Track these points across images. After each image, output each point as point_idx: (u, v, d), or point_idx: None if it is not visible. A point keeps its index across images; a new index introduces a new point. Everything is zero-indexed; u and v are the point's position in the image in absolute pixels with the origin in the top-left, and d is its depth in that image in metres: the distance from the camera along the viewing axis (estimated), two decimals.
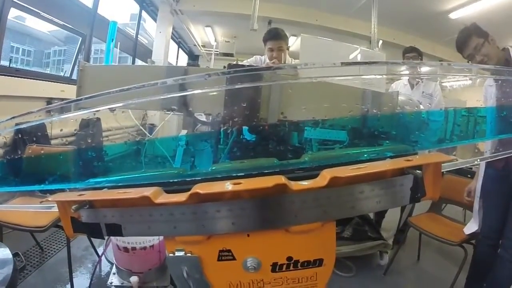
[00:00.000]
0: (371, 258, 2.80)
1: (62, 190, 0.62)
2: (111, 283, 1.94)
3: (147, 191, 0.51)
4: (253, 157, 1.14)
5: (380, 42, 5.70)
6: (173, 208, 0.51)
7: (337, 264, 2.62)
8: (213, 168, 0.60)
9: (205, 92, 1.22)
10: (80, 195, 0.55)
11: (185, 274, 0.53)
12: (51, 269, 2.28)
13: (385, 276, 2.62)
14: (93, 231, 0.55)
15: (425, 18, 6.08)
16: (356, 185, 0.52)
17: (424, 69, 3.18)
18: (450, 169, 0.69)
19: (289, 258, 0.55)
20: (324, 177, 0.51)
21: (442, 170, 0.59)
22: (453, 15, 5.71)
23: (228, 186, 0.50)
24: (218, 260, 0.55)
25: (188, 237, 0.53)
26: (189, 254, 0.55)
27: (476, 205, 2.15)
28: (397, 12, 5.89)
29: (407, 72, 2.71)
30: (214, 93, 1.62)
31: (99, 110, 0.71)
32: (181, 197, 0.51)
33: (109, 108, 1.01)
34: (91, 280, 2.19)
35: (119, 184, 0.58)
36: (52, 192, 0.63)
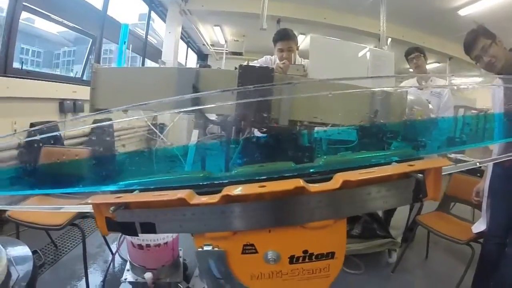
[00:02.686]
0: (379, 256, 2.81)
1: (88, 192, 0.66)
2: (125, 279, 1.99)
3: (181, 193, 0.57)
4: (267, 156, 1.18)
5: (389, 40, 5.69)
6: (204, 208, 0.57)
7: (346, 262, 2.64)
8: (237, 171, 0.65)
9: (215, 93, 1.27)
10: (117, 197, 0.60)
11: (212, 267, 0.59)
12: (66, 266, 2.33)
13: (393, 274, 2.63)
14: (127, 229, 0.60)
15: (434, 15, 6.05)
16: (365, 187, 0.58)
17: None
18: (452, 171, 0.72)
19: (305, 251, 0.61)
20: (337, 180, 0.57)
21: (443, 173, 0.62)
22: (462, 12, 5.67)
23: (254, 188, 0.56)
24: (242, 253, 0.61)
25: (217, 233, 0.59)
26: (217, 249, 0.60)
27: (484, 205, 2.15)
28: (405, 9, 5.87)
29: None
30: (226, 94, 1.66)
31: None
32: (214, 198, 0.57)
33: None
34: (105, 276, 2.23)
35: (150, 187, 0.62)
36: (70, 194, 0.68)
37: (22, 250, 1.27)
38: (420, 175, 0.58)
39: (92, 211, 0.60)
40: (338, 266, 0.62)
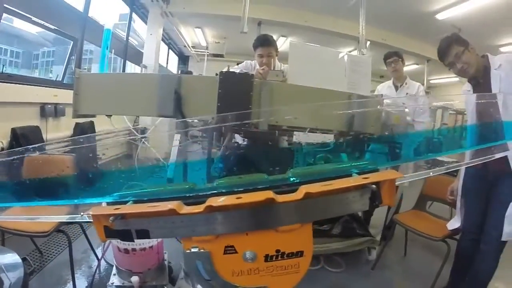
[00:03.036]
0: (359, 254, 2.90)
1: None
2: (112, 283, 2.02)
3: (172, 205, 0.68)
4: (246, 162, 1.24)
5: (368, 43, 5.82)
6: (191, 216, 0.68)
7: (327, 260, 2.74)
8: (218, 183, 0.75)
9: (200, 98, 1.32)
10: (116, 209, 0.69)
11: (199, 266, 0.70)
12: (52, 272, 2.33)
13: (373, 271, 2.73)
14: (124, 236, 0.70)
15: (413, 19, 6.21)
16: (326, 197, 0.69)
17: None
18: (405, 181, 0.81)
19: (278, 251, 0.72)
20: (301, 191, 0.68)
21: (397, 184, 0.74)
22: (440, 16, 5.87)
23: (232, 200, 0.68)
24: (224, 253, 0.72)
25: (202, 237, 0.70)
26: (202, 250, 0.71)
27: (458, 203, 2.25)
28: (385, 13, 6.00)
29: None
30: (208, 98, 1.71)
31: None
32: (199, 208, 0.67)
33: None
34: (92, 281, 2.24)
35: (143, 198, 0.72)
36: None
37: (12, 257, 1.29)
38: (374, 186, 0.69)
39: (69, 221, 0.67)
40: (307, 263, 0.74)
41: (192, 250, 0.70)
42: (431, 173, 0.91)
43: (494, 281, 2.51)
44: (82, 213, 0.74)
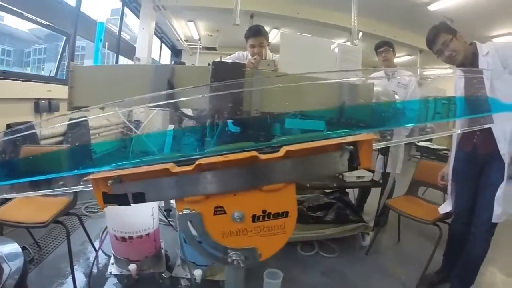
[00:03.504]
0: (353, 240, 2.96)
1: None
2: (110, 272, 2.06)
3: (166, 165, 0.72)
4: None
5: (360, 34, 5.85)
6: (183, 177, 0.72)
7: (321, 246, 2.80)
8: (209, 150, 0.82)
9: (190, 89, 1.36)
10: (114, 172, 0.73)
11: (191, 228, 0.74)
12: (51, 265, 2.35)
13: (366, 256, 2.79)
14: (121, 200, 0.73)
15: (405, 10, 6.24)
16: (307, 157, 0.74)
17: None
18: (383, 146, 0.86)
19: (264, 211, 0.75)
20: (282, 150, 0.72)
21: (375, 147, 0.79)
22: (432, 7, 5.91)
23: (220, 158, 0.72)
24: (214, 214, 0.75)
25: (192, 197, 0.73)
26: (194, 211, 0.74)
27: (449, 188, 2.29)
28: (377, 4, 6.03)
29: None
30: (200, 89, 1.75)
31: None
32: (190, 167, 0.71)
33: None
34: (91, 272, 2.27)
35: (139, 166, 0.75)
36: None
37: (12, 246, 1.32)
38: (351, 147, 0.73)
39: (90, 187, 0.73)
40: (292, 224, 0.77)
41: (184, 212, 0.74)
42: (405, 140, 0.97)
43: (488, 265, 2.57)
44: (82, 181, 0.77)
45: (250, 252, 0.77)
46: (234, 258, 0.76)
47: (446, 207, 2.34)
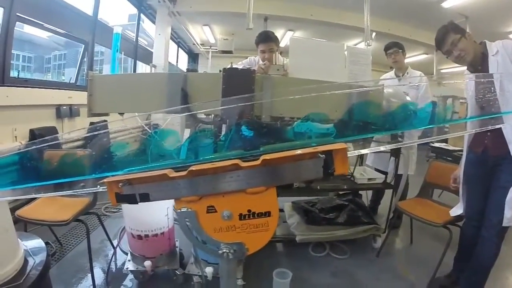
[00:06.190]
0: (365, 242, 2.96)
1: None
2: (127, 268, 2.16)
3: (164, 171, 0.85)
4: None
5: (374, 34, 5.82)
6: (179, 180, 0.84)
7: (332, 247, 2.83)
8: (201, 158, 0.91)
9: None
10: (124, 176, 0.87)
11: (187, 224, 0.87)
12: (71, 261, 2.48)
13: (378, 258, 2.79)
14: (130, 199, 0.87)
15: (418, 8, 6.15)
16: (283, 165, 0.83)
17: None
18: (358, 154, 0.92)
19: (249, 210, 0.86)
20: (260, 159, 0.81)
21: (350, 155, 0.86)
22: (445, 4, 5.81)
23: (208, 165, 0.84)
24: (207, 212, 0.87)
25: (188, 197, 0.85)
26: (190, 210, 0.86)
27: (461, 190, 2.25)
28: (390, 3, 5.96)
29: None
30: (213, 94, 1.83)
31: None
32: (184, 173, 0.83)
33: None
34: (108, 268, 2.40)
35: (146, 171, 0.88)
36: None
37: (36, 242, 1.45)
38: (323, 155, 0.81)
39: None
40: (275, 223, 0.87)
41: (182, 210, 0.86)
42: (381, 148, 1.02)
43: (503, 270, 2.54)
44: (98, 184, 0.90)
45: (238, 246, 0.88)
46: (225, 250, 0.87)
47: (457, 210, 2.30)
